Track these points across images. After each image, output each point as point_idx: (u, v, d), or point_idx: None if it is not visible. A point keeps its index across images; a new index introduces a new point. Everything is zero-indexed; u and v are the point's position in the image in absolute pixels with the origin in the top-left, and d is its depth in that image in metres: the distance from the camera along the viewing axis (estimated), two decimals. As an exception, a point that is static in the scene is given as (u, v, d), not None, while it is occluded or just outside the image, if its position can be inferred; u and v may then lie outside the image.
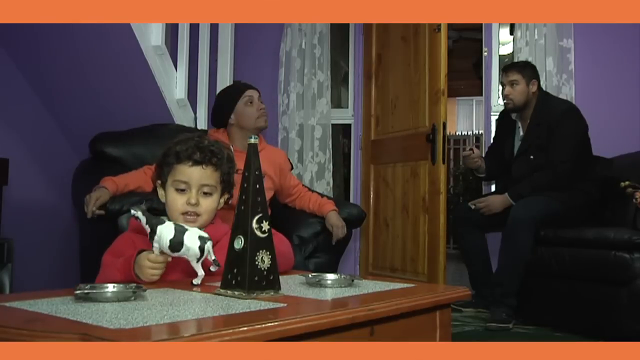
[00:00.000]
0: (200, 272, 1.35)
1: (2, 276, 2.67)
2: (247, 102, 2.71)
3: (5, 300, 1.09)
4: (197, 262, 1.34)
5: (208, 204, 1.59)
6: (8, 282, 2.68)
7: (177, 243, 1.31)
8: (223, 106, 2.75)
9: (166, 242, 1.31)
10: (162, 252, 1.34)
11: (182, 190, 1.57)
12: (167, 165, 1.59)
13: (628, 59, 3.89)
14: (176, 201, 1.57)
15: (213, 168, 1.60)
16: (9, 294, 2.52)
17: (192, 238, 1.32)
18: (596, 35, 3.94)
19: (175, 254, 1.33)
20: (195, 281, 1.34)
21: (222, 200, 1.66)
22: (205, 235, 1.34)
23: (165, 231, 1.32)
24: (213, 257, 1.33)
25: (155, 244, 1.33)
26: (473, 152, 3.48)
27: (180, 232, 1.32)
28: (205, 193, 1.59)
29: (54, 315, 0.94)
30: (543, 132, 3.18)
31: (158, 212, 1.60)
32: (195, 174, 1.57)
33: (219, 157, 1.61)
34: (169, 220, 1.43)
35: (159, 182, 1.63)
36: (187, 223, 1.52)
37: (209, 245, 1.33)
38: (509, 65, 3.45)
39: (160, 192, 1.63)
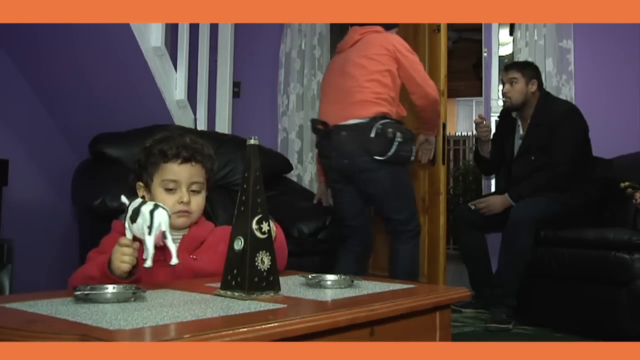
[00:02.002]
0: (172, 248, 1.31)
1: (2, 277, 2.67)
2: None
3: (5, 301, 1.08)
4: (150, 233, 1.28)
5: (198, 202, 1.58)
6: (8, 282, 2.67)
7: (136, 211, 1.30)
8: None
9: (129, 214, 1.31)
10: (134, 239, 1.32)
11: (172, 189, 1.54)
12: (153, 165, 1.56)
13: (628, 59, 3.89)
14: (166, 201, 1.52)
15: (200, 165, 1.58)
16: (9, 295, 2.52)
17: (148, 205, 1.30)
18: (596, 36, 3.94)
19: (134, 227, 1.30)
20: (173, 261, 1.31)
21: None
22: (164, 205, 1.32)
23: (133, 204, 1.32)
24: (169, 238, 1.29)
25: (126, 224, 1.32)
26: (484, 121, 3.49)
27: (142, 202, 1.32)
28: (194, 191, 1.57)
29: (54, 316, 0.93)
30: (543, 132, 3.18)
31: None
32: (184, 172, 1.55)
33: (204, 154, 1.59)
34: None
35: (140, 184, 1.59)
36: (179, 219, 1.53)
37: (161, 214, 1.29)
38: (510, 64, 3.47)
39: (142, 194, 1.59)
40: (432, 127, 3.06)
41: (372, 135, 2.64)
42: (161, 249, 1.50)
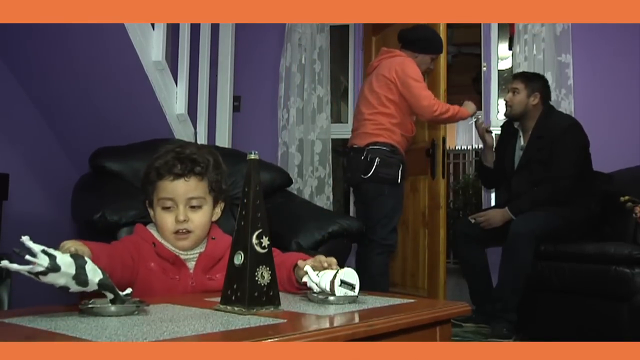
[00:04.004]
0: None
1: (1, 292, 2.66)
2: (432, 63, 3.39)
3: (4, 316, 1.08)
4: None
5: (199, 218, 1.49)
6: (7, 298, 2.66)
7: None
8: (435, 41, 3.35)
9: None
10: None
11: (169, 207, 1.48)
12: (150, 184, 1.50)
13: (627, 73, 3.90)
14: (165, 220, 1.47)
15: (198, 178, 1.49)
16: (8, 310, 2.51)
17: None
18: (595, 50, 3.96)
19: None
20: None
21: (218, 210, 1.57)
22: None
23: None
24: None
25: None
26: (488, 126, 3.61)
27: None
28: (193, 207, 1.49)
29: (53, 332, 0.93)
30: (544, 145, 3.18)
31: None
32: (178, 189, 1.47)
33: (203, 166, 1.50)
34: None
35: (147, 202, 1.54)
36: (179, 242, 1.48)
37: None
38: (517, 74, 3.53)
39: (151, 212, 1.54)
40: (457, 121, 3.44)
41: (362, 158, 3.19)
42: (177, 267, 1.49)
